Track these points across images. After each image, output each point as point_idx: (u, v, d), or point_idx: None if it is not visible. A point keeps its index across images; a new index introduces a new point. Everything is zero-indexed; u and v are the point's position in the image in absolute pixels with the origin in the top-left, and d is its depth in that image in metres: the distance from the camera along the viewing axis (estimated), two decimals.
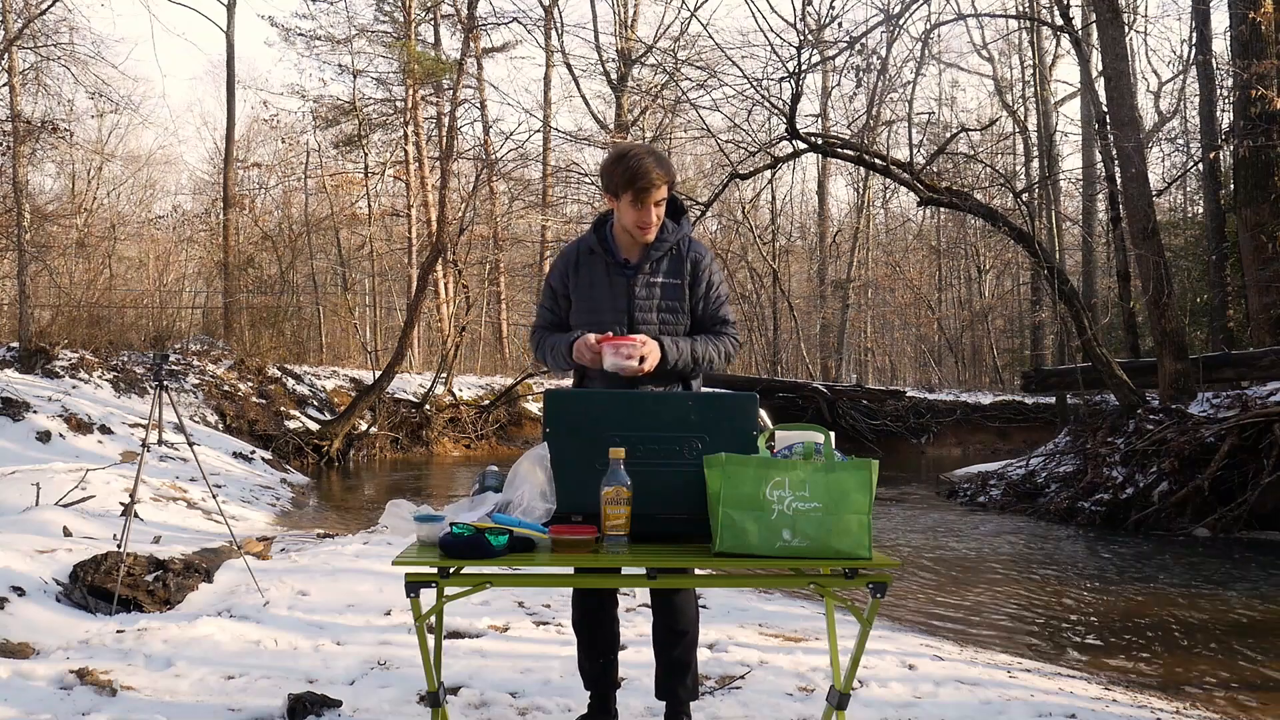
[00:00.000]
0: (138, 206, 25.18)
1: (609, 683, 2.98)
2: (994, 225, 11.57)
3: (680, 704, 2.92)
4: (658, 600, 2.91)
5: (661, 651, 2.92)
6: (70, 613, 4.30)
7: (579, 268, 2.87)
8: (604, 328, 2.77)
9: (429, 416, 16.65)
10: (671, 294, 2.82)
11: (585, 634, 2.95)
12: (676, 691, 2.91)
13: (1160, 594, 6.07)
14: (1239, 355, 10.80)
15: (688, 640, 2.90)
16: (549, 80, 24.74)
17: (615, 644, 3.00)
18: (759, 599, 5.40)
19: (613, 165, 2.75)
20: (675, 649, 2.89)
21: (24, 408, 10.33)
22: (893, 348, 32.48)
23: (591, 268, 2.85)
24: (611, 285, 2.82)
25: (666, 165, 2.73)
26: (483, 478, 2.61)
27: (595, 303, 2.82)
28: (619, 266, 2.83)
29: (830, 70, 19.62)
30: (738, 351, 2.94)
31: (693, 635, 2.91)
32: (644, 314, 2.80)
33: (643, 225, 2.76)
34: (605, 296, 2.82)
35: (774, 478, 2.21)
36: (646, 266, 2.81)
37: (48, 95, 16.05)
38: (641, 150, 2.76)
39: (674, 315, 2.82)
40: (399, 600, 4.56)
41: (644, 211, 2.74)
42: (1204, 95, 14.25)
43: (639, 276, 2.81)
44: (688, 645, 2.90)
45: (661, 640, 2.92)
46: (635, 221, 2.76)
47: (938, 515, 9.78)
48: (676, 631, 2.88)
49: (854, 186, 28.66)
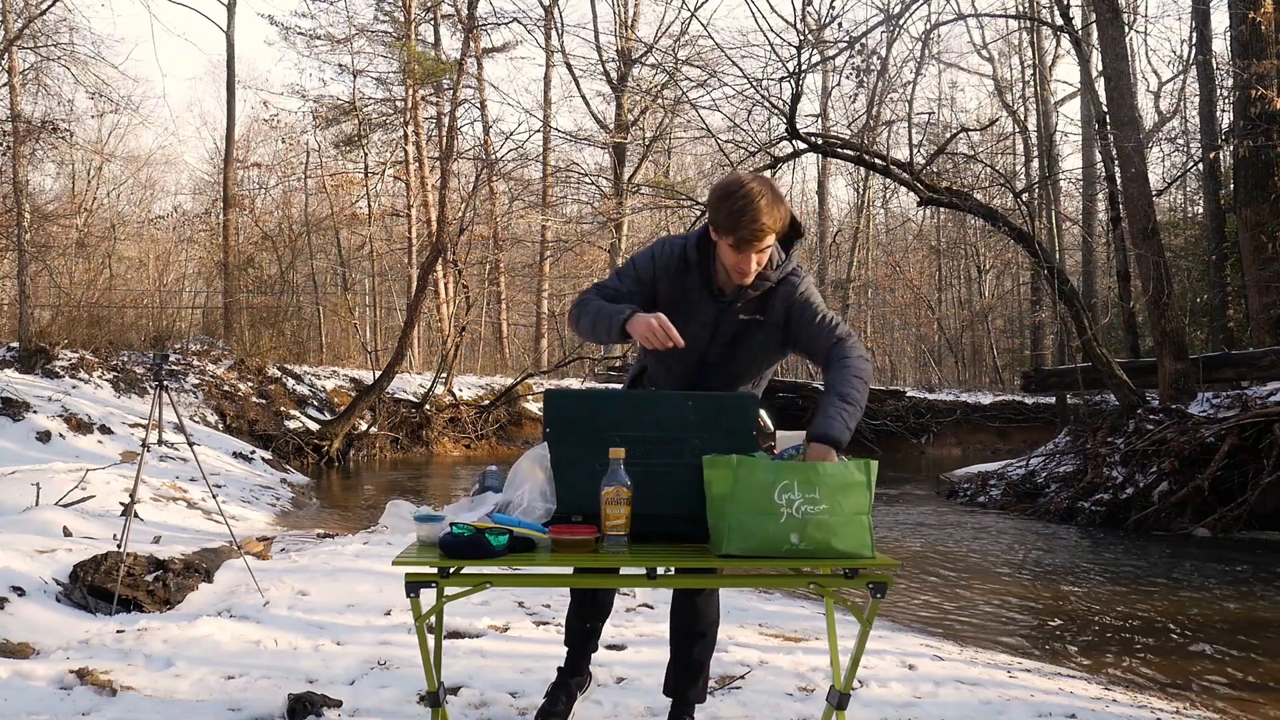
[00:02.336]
0: (138, 206, 25.20)
1: (586, 648, 3.01)
2: (994, 225, 11.57)
3: (687, 704, 2.91)
4: (679, 599, 2.89)
5: (677, 650, 2.91)
6: (70, 613, 4.30)
7: (679, 272, 2.64)
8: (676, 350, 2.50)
9: (429, 416, 16.65)
10: (754, 333, 2.63)
11: (581, 596, 2.98)
12: (685, 692, 2.90)
13: (1160, 594, 6.07)
14: (1239, 355, 10.80)
15: (705, 642, 2.88)
16: (549, 80, 24.75)
17: (605, 613, 3.02)
18: (759, 599, 5.40)
19: (719, 201, 2.50)
20: (692, 649, 2.87)
21: (24, 408, 10.33)
22: (893, 348, 32.48)
23: (688, 278, 2.64)
24: (699, 308, 2.62)
25: (776, 211, 2.46)
26: (483, 478, 2.61)
27: (676, 317, 2.51)
28: (712, 294, 2.62)
29: (830, 70, 19.61)
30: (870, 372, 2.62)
31: (710, 638, 2.90)
32: (720, 346, 2.65)
33: (741, 272, 2.54)
34: (689, 315, 2.60)
35: (783, 481, 2.21)
36: (739, 303, 2.62)
37: (48, 95, 16.06)
38: (754, 190, 2.46)
39: (747, 353, 2.66)
40: (399, 600, 4.56)
41: (743, 259, 2.51)
42: (1204, 95, 14.25)
43: (729, 308, 2.62)
44: (704, 647, 2.88)
45: (679, 639, 2.90)
46: (733, 265, 2.54)
47: (938, 515, 9.78)
48: (695, 632, 2.87)
49: (854, 186, 28.69)
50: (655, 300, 2.66)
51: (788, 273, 2.64)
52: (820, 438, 2.40)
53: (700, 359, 2.67)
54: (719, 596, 2.95)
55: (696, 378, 2.69)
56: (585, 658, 3.03)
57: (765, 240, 2.49)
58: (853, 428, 2.44)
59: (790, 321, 2.63)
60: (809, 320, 2.61)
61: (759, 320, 2.63)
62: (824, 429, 2.41)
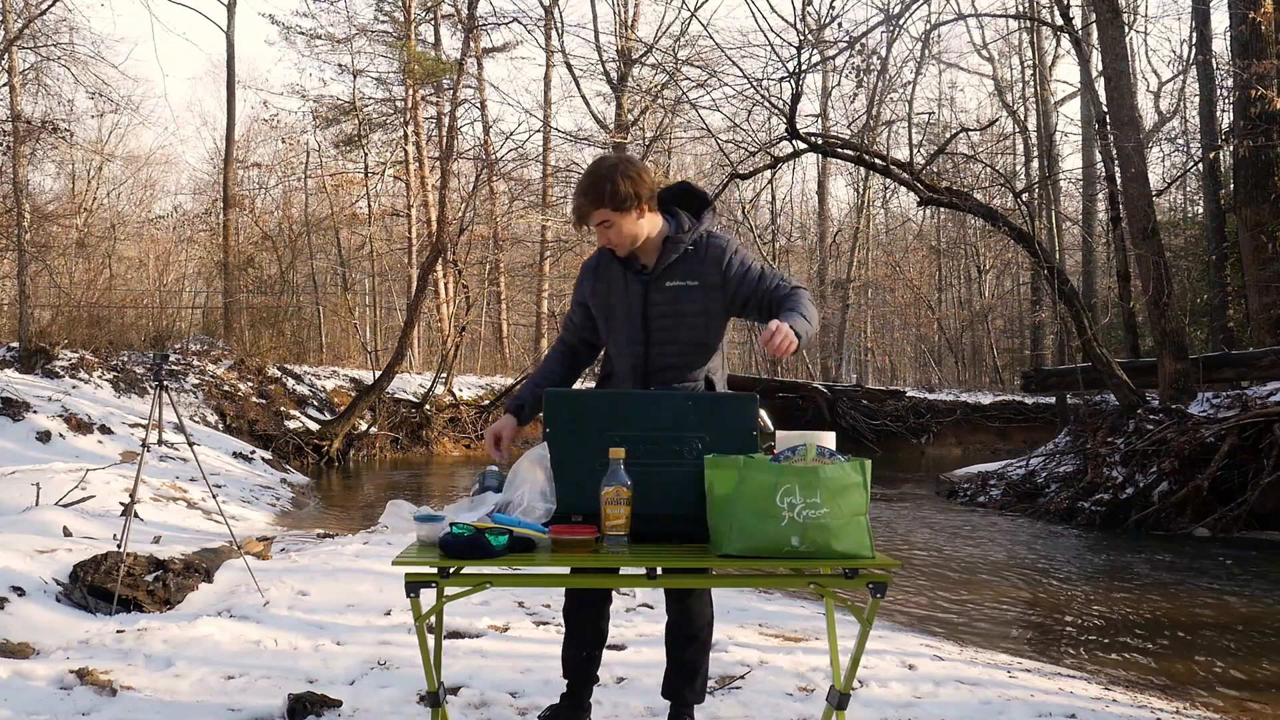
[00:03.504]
0: (138, 206, 25.20)
1: (588, 676, 2.95)
2: (994, 225, 11.57)
3: (685, 705, 2.90)
4: (672, 600, 2.88)
5: (672, 652, 2.90)
6: (70, 613, 4.30)
7: (599, 273, 2.81)
8: (615, 335, 2.76)
9: (429, 416, 16.65)
10: (690, 297, 2.71)
11: (575, 625, 2.93)
12: (683, 693, 2.90)
13: (1160, 594, 6.07)
14: (1239, 355, 10.80)
15: (700, 643, 2.87)
16: (549, 80, 24.74)
17: (603, 639, 2.97)
18: (759, 599, 5.40)
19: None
20: (687, 650, 2.87)
21: (24, 408, 10.33)
22: (893, 348, 32.49)
23: (611, 273, 2.78)
24: (628, 291, 2.75)
25: (596, 192, 2.61)
26: (483, 478, 2.61)
27: (611, 309, 2.76)
28: (635, 273, 2.75)
29: (830, 70, 19.63)
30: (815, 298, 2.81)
31: (706, 638, 2.89)
32: (660, 319, 2.72)
33: (609, 246, 2.72)
34: (621, 303, 2.75)
35: (785, 484, 2.21)
36: (663, 270, 2.72)
37: (48, 95, 16.07)
38: (584, 175, 2.68)
39: (691, 319, 2.72)
40: (399, 600, 4.56)
41: (599, 236, 2.71)
42: (1204, 95, 14.24)
43: (655, 281, 2.72)
44: (700, 648, 2.88)
45: (673, 641, 2.90)
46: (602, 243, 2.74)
47: (938, 515, 9.78)
48: (690, 634, 2.86)
49: (854, 186, 28.68)
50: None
51: (704, 235, 2.74)
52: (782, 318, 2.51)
53: (645, 336, 2.74)
54: (712, 597, 2.94)
55: (647, 354, 2.75)
56: (588, 688, 2.97)
57: (596, 217, 2.63)
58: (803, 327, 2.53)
59: (729, 285, 2.71)
60: (753, 281, 2.70)
61: (691, 285, 2.71)
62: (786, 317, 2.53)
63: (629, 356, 2.75)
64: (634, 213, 2.64)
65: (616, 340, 2.78)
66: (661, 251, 2.72)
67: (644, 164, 2.79)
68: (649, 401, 2.52)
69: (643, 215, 2.67)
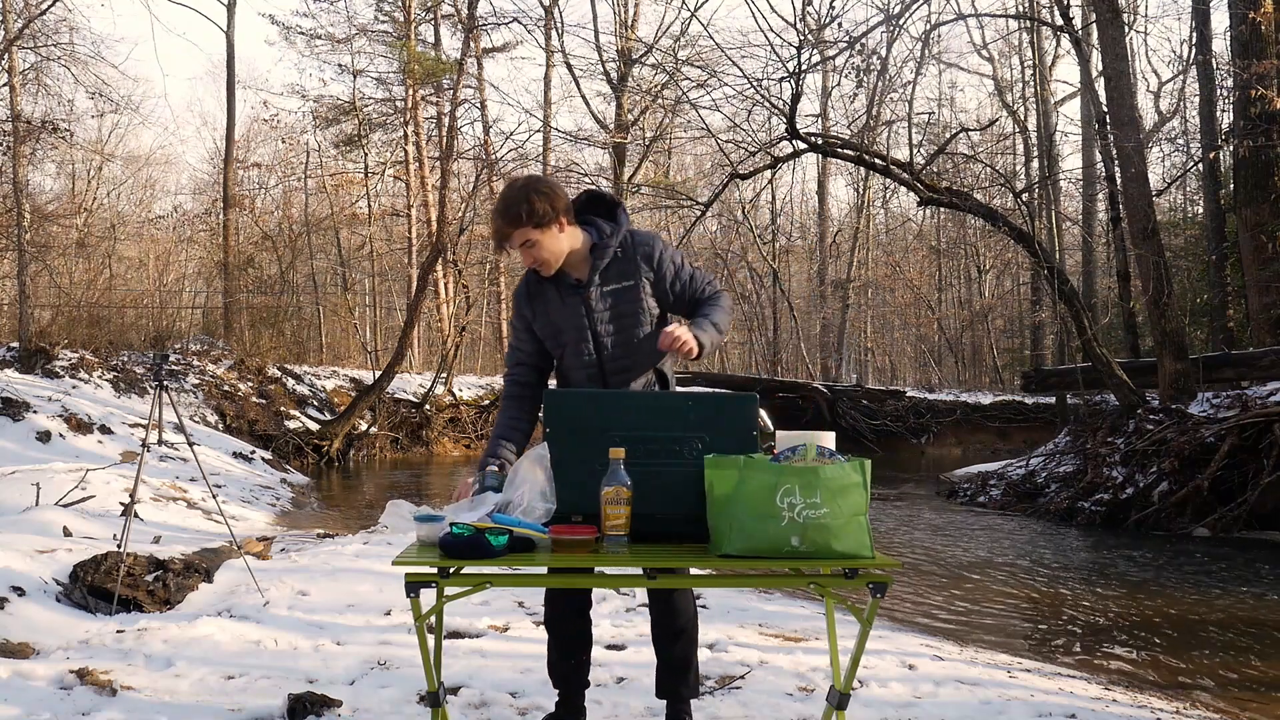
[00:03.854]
0: (138, 206, 25.21)
1: (579, 682, 2.96)
2: (994, 225, 11.57)
3: (682, 701, 2.91)
4: (655, 599, 2.90)
5: (661, 650, 2.91)
6: (70, 613, 4.30)
7: (533, 296, 2.83)
8: (566, 351, 2.78)
9: (429, 416, 16.66)
10: (626, 298, 2.75)
11: (559, 632, 2.93)
12: (678, 690, 2.90)
13: (1160, 594, 6.07)
14: (1239, 355, 10.80)
15: (686, 638, 2.89)
16: (549, 80, 24.71)
17: (589, 643, 2.97)
18: (759, 599, 5.40)
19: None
20: (675, 646, 2.88)
21: (24, 408, 10.33)
22: (893, 348, 32.49)
23: (544, 293, 2.80)
24: (566, 306, 2.77)
25: (513, 214, 2.62)
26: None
27: (555, 327, 2.79)
28: (570, 286, 2.76)
29: (830, 70, 19.63)
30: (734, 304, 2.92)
31: (691, 632, 2.90)
32: (604, 325, 2.75)
33: (536, 266, 2.73)
34: (563, 319, 2.77)
35: (785, 484, 2.21)
36: (596, 278, 2.74)
37: (48, 95, 16.08)
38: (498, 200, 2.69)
39: (634, 319, 2.76)
40: (399, 600, 4.56)
41: (523, 256, 2.71)
42: (1204, 95, 14.24)
43: (590, 290, 2.74)
44: (687, 643, 2.89)
45: (660, 639, 2.91)
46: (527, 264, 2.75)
47: (938, 515, 9.78)
48: (674, 630, 2.87)
49: (854, 186, 28.68)
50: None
51: (628, 235, 2.78)
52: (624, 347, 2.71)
53: (594, 346, 2.77)
54: (692, 592, 2.95)
55: (601, 363, 2.78)
56: (580, 694, 2.97)
57: (517, 239, 2.65)
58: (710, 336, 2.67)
59: (660, 282, 2.78)
60: (676, 278, 2.78)
61: (627, 285, 2.75)
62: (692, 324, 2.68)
63: (582, 369, 2.78)
64: (554, 228, 2.66)
65: (568, 356, 2.80)
66: (591, 261, 2.75)
67: (554, 180, 2.84)
68: (649, 401, 2.53)
69: (563, 229, 2.68)
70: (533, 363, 2.87)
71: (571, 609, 2.91)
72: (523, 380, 2.88)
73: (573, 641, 2.93)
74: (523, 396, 2.87)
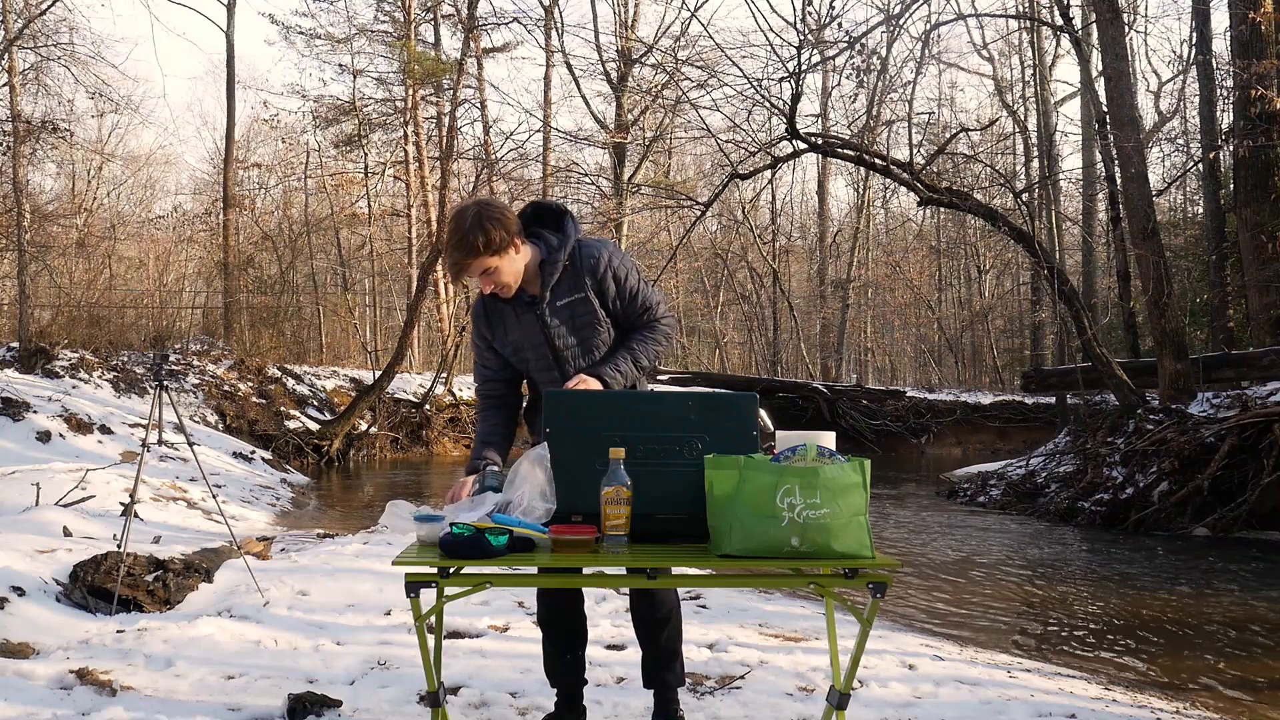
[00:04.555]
0: (138, 206, 25.21)
1: (576, 680, 2.97)
2: (994, 225, 11.57)
3: (669, 690, 2.92)
4: (635, 593, 2.90)
5: (646, 642, 2.92)
6: (70, 613, 4.30)
7: (490, 317, 2.84)
8: (530, 367, 2.81)
9: (429, 416, 16.66)
10: (581, 310, 2.76)
11: (553, 631, 2.94)
12: (664, 678, 2.91)
13: (1160, 594, 6.07)
14: (1239, 355, 10.80)
15: (671, 627, 2.89)
16: (549, 80, 24.70)
17: (583, 640, 2.98)
18: (759, 599, 5.40)
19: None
20: (661, 636, 2.88)
21: (24, 408, 10.33)
22: (893, 348, 32.48)
23: (501, 313, 2.81)
24: (522, 324, 2.78)
25: (469, 245, 2.59)
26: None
27: (515, 345, 2.81)
28: (525, 304, 2.77)
29: (830, 70, 19.63)
30: (674, 333, 2.91)
31: (675, 622, 2.90)
32: (563, 339, 2.76)
33: (496, 291, 2.72)
34: (521, 336, 2.79)
35: (785, 484, 2.21)
36: (548, 294, 2.75)
37: (48, 95, 16.09)
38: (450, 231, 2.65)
39: (592, 330, 2.77)
40: (399, 600, 4.56)
41: (482, 284, 2.70)
42: (1204, 95, 14.23)
43: (544, 306, 2.75)
44: (671, 633, 2.89)
45: (645, 630, 2.91)
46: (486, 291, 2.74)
47: (938, 515, 9.78)
48: (659, 619, 2.87)
49: (854, 186, 28.70)
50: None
51: (576, 246, 2.77)
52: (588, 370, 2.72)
53: (555, 359, 2.79)
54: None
55: (564, 375, 2.79)
56: (578, 692, 2.98)
57: (475, 268, 2.63)
58: (625, 374, 2.73)
59: (605, 294, 2.78)
60: (619, 292, 2.79)
61: (578, 296, 2.76)
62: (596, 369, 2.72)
63: (548, 382, 2.79)
64: (510, 251, 2.66)
65: (533, 370, 2.83)
66: (541, 276, 2.75)
67: (501, 201, 2.80)
68: (649, 401, 2.53)
69: (518, 251, 2.69)
70: (501, 376, 2.90)
71: (563, 606, 2.92)
72: (496, 394, 2.91)
73: (566, 638, 2.93)
74: (499, 406, 2.91)
